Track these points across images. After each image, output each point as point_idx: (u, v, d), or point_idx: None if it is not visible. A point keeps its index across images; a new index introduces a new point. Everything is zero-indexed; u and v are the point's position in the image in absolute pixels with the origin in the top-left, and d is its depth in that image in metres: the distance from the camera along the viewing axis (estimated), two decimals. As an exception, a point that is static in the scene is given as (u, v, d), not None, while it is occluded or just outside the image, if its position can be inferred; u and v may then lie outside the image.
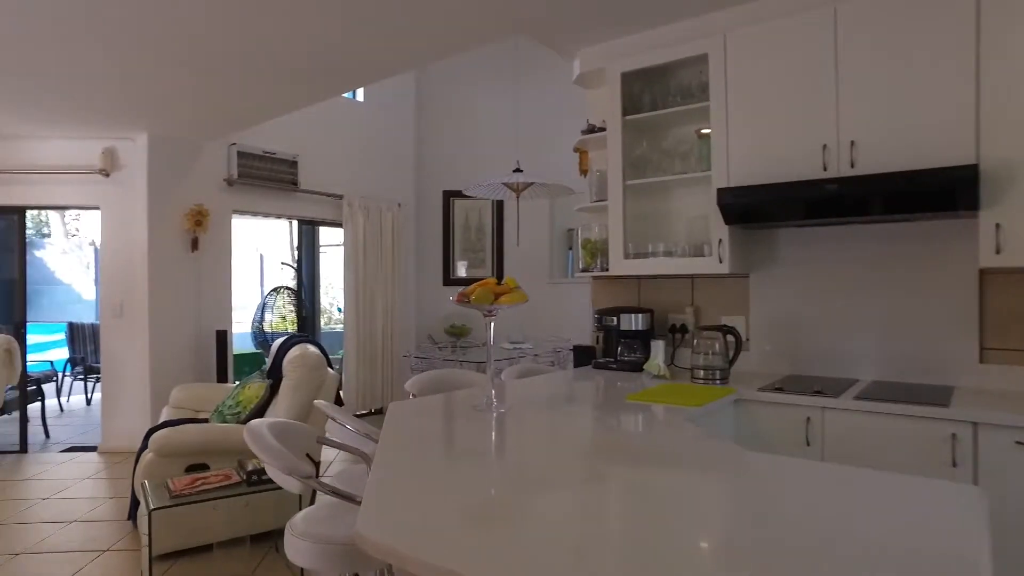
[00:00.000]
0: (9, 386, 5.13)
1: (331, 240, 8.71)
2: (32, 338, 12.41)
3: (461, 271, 8.10)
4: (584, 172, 4.02)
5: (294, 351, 3.48)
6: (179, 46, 3.36)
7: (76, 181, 5.24)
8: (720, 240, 3.00)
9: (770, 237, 3.17)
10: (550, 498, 1.29)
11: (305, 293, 9.76)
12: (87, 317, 15.39)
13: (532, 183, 5.92)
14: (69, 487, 4.38)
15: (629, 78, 3.36)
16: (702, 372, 2.82)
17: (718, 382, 2.78)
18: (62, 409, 7.62)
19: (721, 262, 3.00)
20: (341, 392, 3.85)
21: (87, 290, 15.45)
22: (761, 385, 2.71)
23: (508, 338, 6.54)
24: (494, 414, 2.14)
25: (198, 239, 5.30)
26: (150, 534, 2.63)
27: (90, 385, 8.14)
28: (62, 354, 9.28)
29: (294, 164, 6.02)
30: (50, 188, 5.26)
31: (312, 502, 3.37)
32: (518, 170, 5.66)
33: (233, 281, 5.60)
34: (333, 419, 2.09)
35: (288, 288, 9.71)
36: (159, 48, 3.39)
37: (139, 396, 5.18)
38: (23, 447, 5.42)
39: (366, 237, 6.56)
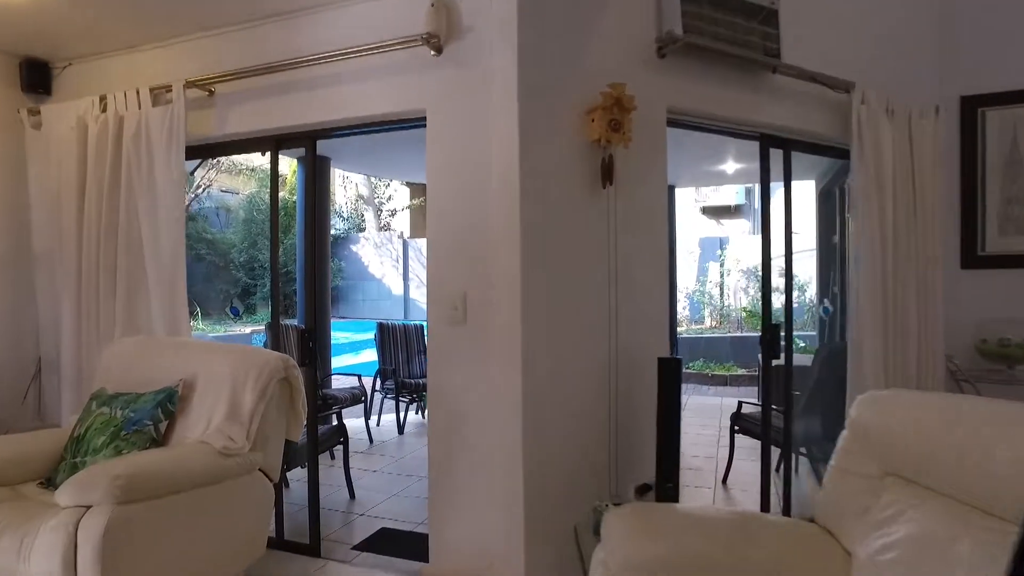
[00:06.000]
0: (293, 440, 2.86)
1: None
2: (339, 335, 11.57)
3: (995, 243, 4.33)
4: None
5: None
6: None
7: (388, 69, 2.79)
8: None
9: None
10: None
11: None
12: (395, 313, 14.77)
13: None
14: None
15: None
16: None
17: None
18: (371, 440, 5.67)
19: None
20: None
21: (396, 284, 14.84)
22: None
23: None
24: None
25: (613, 161, 2.47)
26: None
27: (402, 405, 6.13)
28: (372, 355, 7.65)
29: (772, 16, 2.92)
30: (350, 89, 2.90)
31: None
32: None
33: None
34: None
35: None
36: None
37: (495, 484, 2.54)
38: (314, 541, 3.19)
39: (896, 168, 3.22)
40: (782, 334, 3.26)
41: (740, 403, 4.44)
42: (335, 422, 4.26)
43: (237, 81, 3.04)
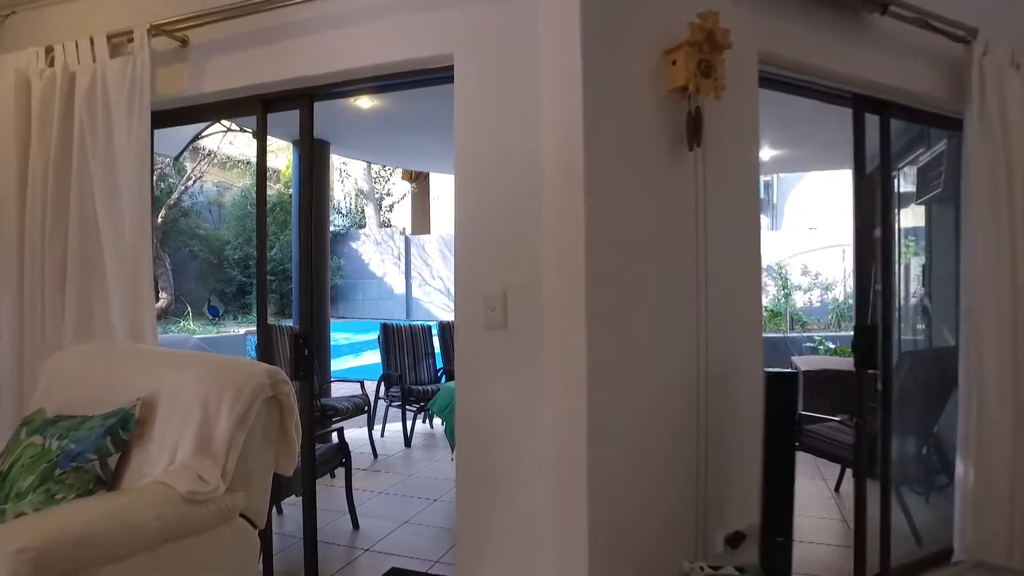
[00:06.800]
0: (284, 474, 2.27)
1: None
2: (339, 336, 10.88)
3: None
4: None
5: None
6: None
7: (403, 4, 2.21)
8: None
9: None
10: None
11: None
12: (397, 313, 14.15)
13: None
14: None
15: None
16: None
17: None
18: (375, 454, 5.09)
19: None
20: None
21: (398, 283, 14.21)
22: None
23: None
24: None
25: (701, 115, 1.89)
26: None
27: (408, 413, 5.54)
28: (373, 357, 7.06)
29: (884, -59, 2.35)
30: (355, 32, 2.31)
31: None
32: None
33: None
34: None
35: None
36: None
37: (540, 528, 1.96)
38: (309, 586, 2.62)
39: None
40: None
41: (800, 415, 3.87)
42: (335, 439, 3.67)
43: (214, 26, 2.45)
